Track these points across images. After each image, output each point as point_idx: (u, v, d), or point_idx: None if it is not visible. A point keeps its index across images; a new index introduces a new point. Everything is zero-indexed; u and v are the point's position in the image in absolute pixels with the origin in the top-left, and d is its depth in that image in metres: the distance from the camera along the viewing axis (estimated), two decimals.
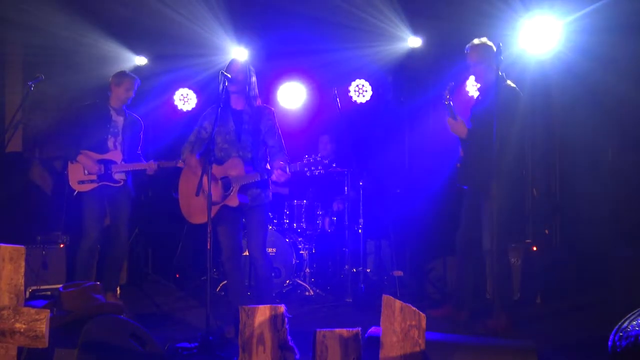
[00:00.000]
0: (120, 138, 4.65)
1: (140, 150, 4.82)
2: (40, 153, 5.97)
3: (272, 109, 4.04)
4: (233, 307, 3.92)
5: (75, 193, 4.51)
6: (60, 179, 4.96)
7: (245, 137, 3.86)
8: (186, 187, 3.94)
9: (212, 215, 3.61)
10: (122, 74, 4.72)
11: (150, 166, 4.58)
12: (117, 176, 4.57)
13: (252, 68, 3.98)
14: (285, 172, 3.71)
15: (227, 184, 3.79)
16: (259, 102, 4.01)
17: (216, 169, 3.80)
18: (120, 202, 4.63)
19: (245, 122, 3.89)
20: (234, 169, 3.78)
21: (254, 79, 3.95)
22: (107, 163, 4.55)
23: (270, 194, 4.01)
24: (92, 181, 4.50)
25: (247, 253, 5.10)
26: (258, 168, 3.84)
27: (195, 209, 3.84)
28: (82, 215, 4.54)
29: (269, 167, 3.92)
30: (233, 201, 3.75)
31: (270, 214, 5.36)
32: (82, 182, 4.49)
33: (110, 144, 4.59)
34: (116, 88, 4.66)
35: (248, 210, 3.89)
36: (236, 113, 3.92)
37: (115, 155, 4.59)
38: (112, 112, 4.66)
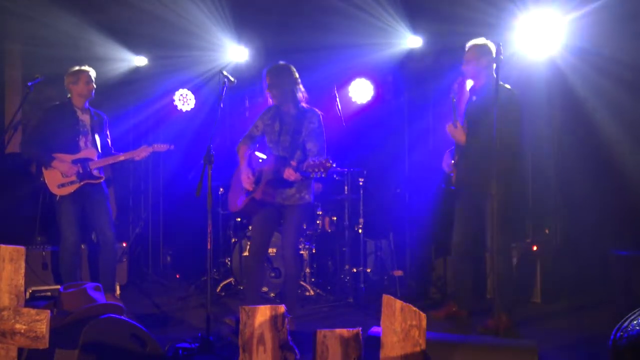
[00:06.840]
0: (90, 137, 4.55)
1: (111, 145, 4.72)
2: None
3: (319, 112, 4.03)
4: (247, 302, 3.90)
5: (58, 198, 4.39)
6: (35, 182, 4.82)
7: (284, 138, 3.97)
8: (234, 178, 4.16)
9: (242, 206, 3.99)
10: (76, 70, 4.53)
11: (144, 151, 4.50)
12: (96, 172, 4.50)
13: (293, 69, 4.03)
14: (293, 172, 3.73)
15: (258, 178, 3.97)
16: (304, 104, 4.03)
17: (258, 165, 4.08)
18: (96, 201, 4.52)
19: (287, 124, 3.98)
20: (267, 165, 3.95)
21: (298, 81, 4.01)
22: (84, 161, 4.45)
23: (308, 196, 4.02)
24: (72, 182, 4.40)
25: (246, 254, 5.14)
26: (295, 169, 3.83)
27: (230, 199, 4.14)
28: (59, 219, 4.45)
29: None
30: (257, 194, 3.90)
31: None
32: (62, 185, 4.39)
33: (82, 143, 4.49)
34: (75, 86, 4.50)
35: (284, 209, 4.01)
36: (283, 114, 4.02)
37: (90, 153, 4.50)
38: (78, 112, 4.54)
